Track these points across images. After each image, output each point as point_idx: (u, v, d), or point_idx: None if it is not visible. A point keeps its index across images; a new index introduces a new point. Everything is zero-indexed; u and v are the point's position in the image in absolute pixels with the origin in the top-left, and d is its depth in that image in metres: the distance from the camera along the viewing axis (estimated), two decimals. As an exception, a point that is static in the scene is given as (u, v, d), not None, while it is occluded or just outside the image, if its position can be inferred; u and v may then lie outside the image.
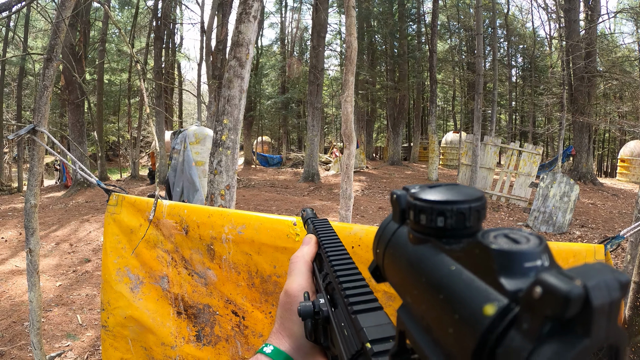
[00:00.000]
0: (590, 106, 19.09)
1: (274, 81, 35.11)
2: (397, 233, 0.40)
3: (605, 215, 12.31)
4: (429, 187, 0.37)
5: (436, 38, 19.74)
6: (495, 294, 0.26)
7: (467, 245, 0.31)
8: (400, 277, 0.38)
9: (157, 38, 19.78)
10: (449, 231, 0.33)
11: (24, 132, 2.37)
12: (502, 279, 0.26)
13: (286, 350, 0.66)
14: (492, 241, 0.28)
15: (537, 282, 0.22)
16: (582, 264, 0.24)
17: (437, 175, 19.22)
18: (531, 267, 0.26)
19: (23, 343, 4.53)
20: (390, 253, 0.40)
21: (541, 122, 32.91)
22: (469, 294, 0.27)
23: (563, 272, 0.22)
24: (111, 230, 2.13)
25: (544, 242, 0.28)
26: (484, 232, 0.30)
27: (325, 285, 0.66)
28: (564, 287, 0.21)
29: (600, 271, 0.22)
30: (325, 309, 0.61)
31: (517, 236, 0.28)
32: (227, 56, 9.51)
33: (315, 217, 0.91)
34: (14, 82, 24.82)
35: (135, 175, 21.13)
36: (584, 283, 0.21)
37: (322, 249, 0.72)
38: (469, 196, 0.33)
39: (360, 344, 0.47)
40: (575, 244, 1.79)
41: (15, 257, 7.57)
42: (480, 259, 0.28)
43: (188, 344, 2.07)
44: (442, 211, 0.33)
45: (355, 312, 0.50)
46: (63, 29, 2.66)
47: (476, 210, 0.33)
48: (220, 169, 3.75)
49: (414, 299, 0.34)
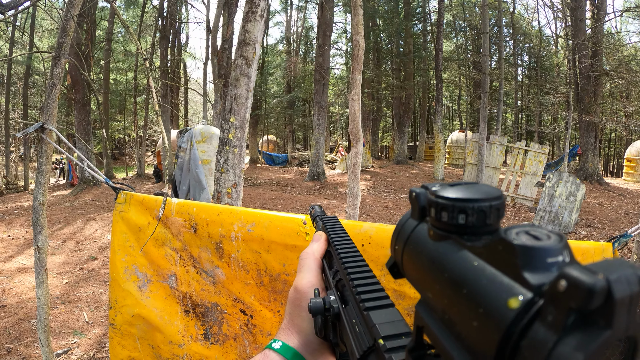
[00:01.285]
0: (596, 105, 19.00)
1: (279, 80, 35.14)
2: (416, 230, 0.41)
3: (612, 215, 12.25)
4: (450, 185, 0.37)
5: (442, 37, 19.70)
6: (519, 288, 0.27)
7: (489, 241, 0.31)
8: (420, 273, 0.39)
9: (163, 37, 19.82)
10: (470, 228, 0.34)
11: (33, 130, 2.37)
12: (525, 273, 0.27)
13: (295, 346, 0.66)
14: (515, 238, 0.29)
15: (561, 275, 0.23)
16: (602, 259, 0.24)
17: (442, 174, 19.18)
18: (553, 262, 0.27)
19: (30, 340, 4.54)
20: (410, 249, 0.41)
21: (547, 122, 32.79)
22: (493, 288, 0.28)
23: (586, 267, 0.23)
24: (119, 229, 2.13)
25: (564, 239, 0.28)
26: (506, 229, 0.30)
27: (336, 282, 0.66)
28: (588, 280, 0.22)
29: (620, 266, 0.23)
30: (336, 306, 0.61)
31: (539, 233, 0.29)
32: (233, 55, 9.51)
33: (324, 215, 0.92)
34: (21, 81, 24.94)
35: (141, 173, 21.20)
36: (607, 277, 0.22)
37: (332, 246, 0.73)
38: (489, 195, 0.34)
39: (372, 340, 0.48)
40: (584, 242, 1.78)
41: (22, 255, 7.60)
42: (504, 255, 0.29)
43: (196, 343, 2.07)
44: (464, 209, 0.34)
45: (368, 309, 0.51)
46: (71, 26, 2.66)
47: (496, 209, 0.34)
48: (227, 168, 3.75)
49: (435, 294, 0.35)
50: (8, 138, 18.98)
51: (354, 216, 4.99)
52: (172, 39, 21.42)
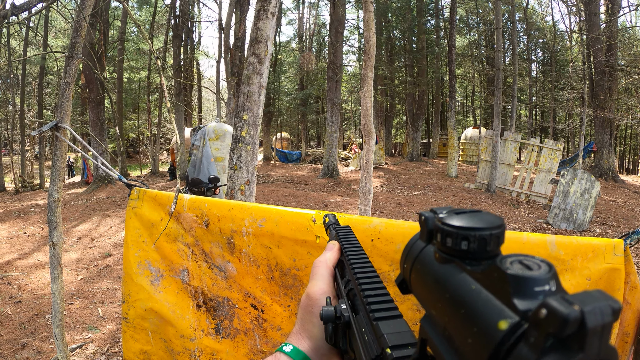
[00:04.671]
0: (611, 101, 18.79)
1: (292, 77, 35.16)
2: (424, 251, 0.45)
3: (627, 212, 12.11)
4: (456, 212, 0.41)
5: (455, 32, 19.57)
6: (509, 312, 0.30)
7: (486, 268, 0.35)
8: (426, 291, 0.43)
9: (176, 36, 19.93)
10: (471, 254, 0.37)
11: (47, 128, 2.41)
12: (515, 299, 0.30)
13: (305, 350, 0.68)
14: (509, 267, 0.32)
15: (543, 304, 0.26)
16: (583, 291, 0.28)
17: (456, 171, 19.09)
18: (540, 290, 0.30)
19: (45, 335, 4.61)
20: (417, 269, 0.45)
21: (562, 118, 32.48)
22: (487, 310, 0.31)
23: (565, 298, 0.26)
24: (133, 224, 2.16)
25: (553, 270, 0.31)
26: (502, 258, 0.34)
27: (347, 291, 0.68)
28: (564, 311, 0.25)
29: (597, 298, 0.26)
30: (347, 315, 0.63)
31: (530, 263, 0.32)
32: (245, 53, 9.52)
33: (337, 224, 0.94)
34: (35, 82, 25.21)
35: (155, 171, 21.34)
36: (581, 308, 0.25)
37: (344, 256, 0.75)
38: (490, 223, 0.38)
39: (380, 349, 0.50)
40: (595, 238, 1.77)
41: (38, 252, 7.70)
42: (498, 282, 0.32)
43: (207, 337, 2.09)
44: (466, 236, 0.37)
45: (377, 319, 0.53)
46: (84, 27, 2.70)
47: (496, 237, 0.37)
48: (240, 165, 3.78)
49: (438, 311, 0.39)
50: (23, 137, 19.22)
51: (366, 213, 4.99)
52: (185, 38, 21.54)
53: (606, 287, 1.72)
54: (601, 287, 1.72)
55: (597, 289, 0.28)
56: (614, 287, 1.71)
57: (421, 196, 13.80)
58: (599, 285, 1.72)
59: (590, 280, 1.72)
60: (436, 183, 16.73)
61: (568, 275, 1.72)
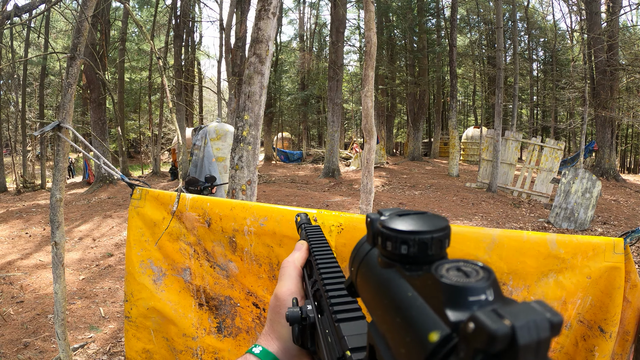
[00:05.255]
0: (613, 100, 18.77)
1: (293, 77, 35.18)
2: (369, 254, 0.43)
3: (628, 212, 12.10)
4: (399, 214, 0.40)
5: (456, 32, 19.55)
6: (441, 323, 0.28)
7: (423, 274, 0.34)
8: (369, 296, 0.41)
9: (177, 36, 19.94)
10: (412, 258, 0.36)
11: (49, 129, 2.42)
12: (447, 310, 0.28)
13: (274, 352, 0.69)
14: (444, 274, 0.30)
15: (471, 318, 0.25)
16: (522, 302, 0.26)
17: (457, 170, 19.09)
18: (475, 301, 0.28)
19: (47, 335, 4.62)
20: (362, 272, 0.43)
21: (563, 117, 32.44)
22: (420, 320, 0.30)
23: (497, 311, 0.24)
24: (135, 224, 2.17)
25: (492, 277, 0.30)
26: (438, 265, 0.32)
27: (314, 291, 0.68)
28: (492, 326, 0.23)
29: (533, 311, 0.25)
30: (312, 316, 0.63)
31: (469, 269, 0.31)
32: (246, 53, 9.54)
33: (308, 224, 0.93)
34: (36, 82, 25.22)
35: (156, 171, 21.36)
36: (513, 323, 0.23)
37: (312, 256, 0.75)
38: (433, 226, 0.36)
39: (342, 351, 0.49)
40: (595, 237, 1.78)
41: (40, 252, 7.72)
42: (432, 290, 0.31)
43: (209, 336, 2.10)
44: (406, 240, 0.36)
45: (339, 320, 0.53)
46: (85, 27, 2.71)
47: (438, 240, 0.35)
48: (241, 165, 3.79)
49: (378, 318, 0.38)
50: (25, 138, 19.25)
51: (367, 212, 5.00)
52: (186, 38, 21.54)
53: (606, 286, 1.72)
54: (601, 285, 1.73)
55: (539, 300, 0.26)
56: (614, 286, 1.72)
57: (422, 196, 13.81)
58: (599, 284, 1.73)
59: (590, 278, 1.73)
60: (437, 182, 16.74)
61: (568, 273, 1.73)
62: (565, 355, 1.84)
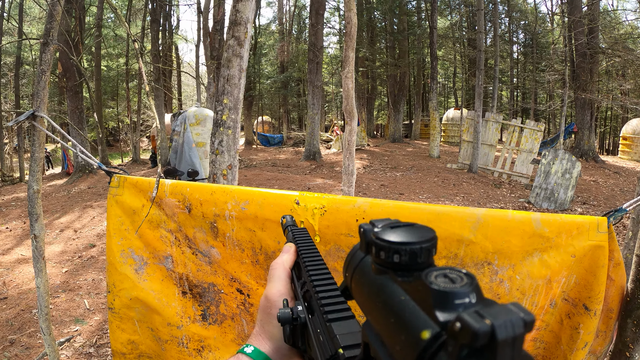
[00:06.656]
0: (592, 83, 18.96)
1: (272, 60, 34.95)
2: (363, 261, 0.48)
3: (607, 192, 12.30)
4: (391, 226, 0.44)
5: (436, 14, 19.51)
6: (431, 323, 0.33)
7: (414, 280, 0.38)
8: (364, 299, 0.46)
9: (154, 21, 19.62)
10: (403, 266, 0.40)
11: (24, 118, 2.34)
12: (437, 311, 0.33)
13: (266, 351, 0.71)
14: (432, 280, 0.35)
15: (457, 318, 0.29)
16: (500, 304, 0.31)
17: (438, 152, 19.19)
18: (460, 303, 0.33)
19: (32, 330, 4.56)
20: (357, 278, 0.49)
21: (543, 99, 32.74)
22: (413, 320, 0.35)
23: (479, 312, 0.29)
24: (114, 212, 2.12)
25: (474, 283, 0.34)
26: (427, 272, 0.36)
27: (303, 292, 0.71)
28: (475, 325, 0.27)
29: (510, 312, 0.29)
30: (303, 316, 0.65)
31: (455, 276, 0.35)
32: (225, 36, 9.41)
33: (294, 226, 0.98)
34: (11, 72, 24.68)
35: (136, 159, 21.16)
36: (492, 322, 0.27)
37: (300, 258, 0.77)
38: (422, 237, 0.41)
39: (334, 349, 0.52)
40: (580, 216, 1.79)
41: (20, 246, 7.59)
42: (422, 294, 0.35)
43: (194, 324, 2.07)
44: (398, 250, 0.40)
45: (330, 320, 0.56)
46: (58, 11, 2.62)
47: (427, 250, 0.40)
48: (221, 149, 3.74)
49: (373, 319, 0.42)
50: (1, 130, 18.84)
51: (349, 194, 4.99)
52: (163, 22, 21.22)
53: (590, 264, 1.73)
54: (585, 264, 1.74)
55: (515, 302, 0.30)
56: (598, 264, 1.73)
57: (404, 177, 13.87)
58: (584, 262, 1.74)
59: (574, 257, 1.73)
60: (418, 164, 16.82)
61: (553, 252, 1.74)
62: (550, 333, 1.85)
